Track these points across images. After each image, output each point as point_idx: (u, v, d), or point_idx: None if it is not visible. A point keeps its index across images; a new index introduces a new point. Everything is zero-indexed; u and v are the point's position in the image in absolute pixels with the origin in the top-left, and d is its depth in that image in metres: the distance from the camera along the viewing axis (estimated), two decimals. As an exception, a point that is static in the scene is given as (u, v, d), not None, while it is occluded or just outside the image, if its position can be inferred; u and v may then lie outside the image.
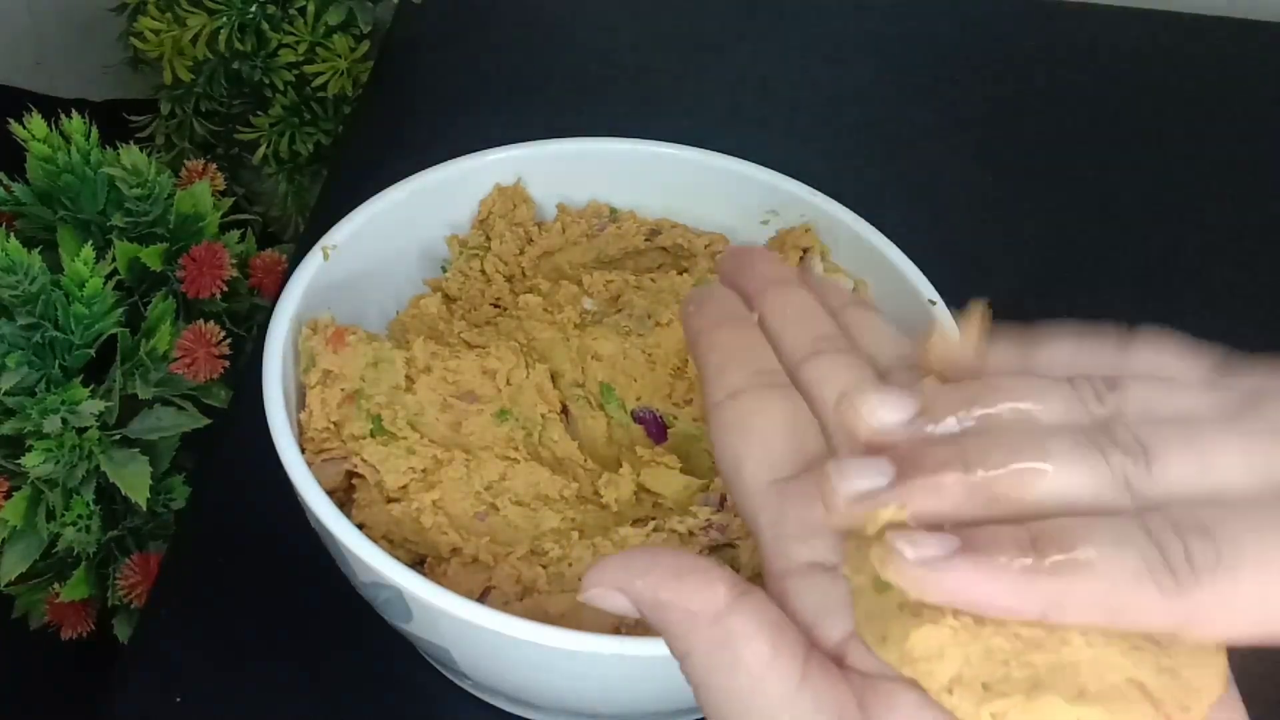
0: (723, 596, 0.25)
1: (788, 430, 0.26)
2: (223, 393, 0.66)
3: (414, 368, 0.42)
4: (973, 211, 0.65)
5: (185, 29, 0.83)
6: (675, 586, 0.25)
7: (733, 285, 0.31)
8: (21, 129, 0.65)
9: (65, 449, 0.61)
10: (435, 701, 0.44)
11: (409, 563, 0.37)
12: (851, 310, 0.29)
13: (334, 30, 0.83)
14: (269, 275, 0.72)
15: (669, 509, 0.41)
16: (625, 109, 0.68)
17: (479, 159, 0.49)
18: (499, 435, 0.42)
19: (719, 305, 0.30)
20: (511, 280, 0.49)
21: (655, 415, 0.44)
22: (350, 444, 0.41)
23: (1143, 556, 0.22)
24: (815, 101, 0.72)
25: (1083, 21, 0.80)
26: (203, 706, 0.44)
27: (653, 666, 0.34)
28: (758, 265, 0.31)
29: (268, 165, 0.90)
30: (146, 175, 0.65)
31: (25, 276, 0.59)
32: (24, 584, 0.68)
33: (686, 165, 0.50)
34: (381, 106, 0.71)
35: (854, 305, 0.30)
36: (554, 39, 0.76)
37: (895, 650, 0.23)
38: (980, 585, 0.22)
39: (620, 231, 0.50)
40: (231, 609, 0.47)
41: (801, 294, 0.30)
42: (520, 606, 0.37)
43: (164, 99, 0.92)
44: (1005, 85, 0.74)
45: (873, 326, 0.29)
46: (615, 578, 0.26)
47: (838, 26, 0.79)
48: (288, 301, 0.42)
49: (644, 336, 0.44)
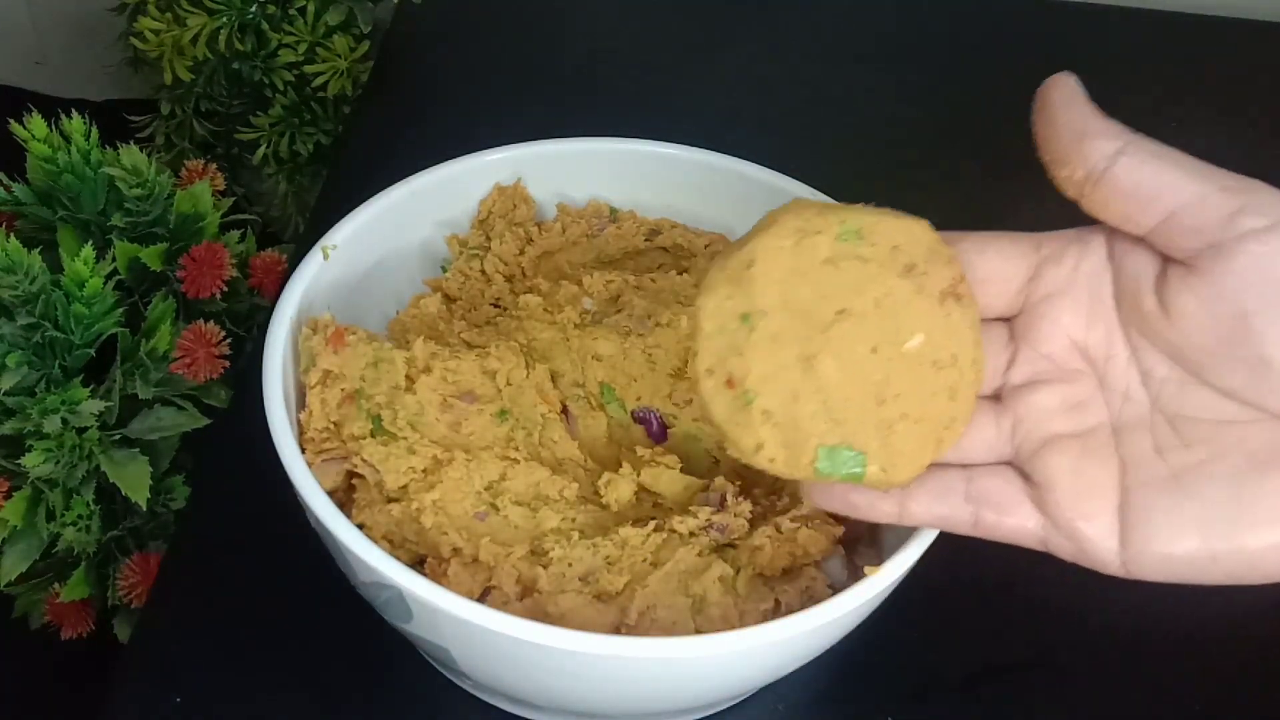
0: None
1: None
2: (223, 393, 0.66)
3: (414, 368, 0.42)
4: (973, 211, 0.65)
5: (185, 29, 0.83)
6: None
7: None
8: (21, 129, 0.65)
9: (65, 449, 0.61)
10: (435, 701, 0.44)
11: (409, 563, 0.37)
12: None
13: (334, 30, 0.83)
14: (269, 275, 0.72)
15: (669, 509, 0.41)
16: (625, 109, 0.68)
17: (479, 159, 0.49)
18: (499, 435, 0.42)
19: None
20: (511, 280, 0.49)
21: (655, 415, 0.44)
22: (350, 444, 0.41)
23: None
24: (815, 101, 0.72)
25: (1083, 21, 0.80)
26: (203, 706, 0.44)
27: (653, 666, 0.34)
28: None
29: (268, 165, 0.90)
30: (146, 175, 0.65)
31: (25, 276, 0.59)
32: (24, 584, 0.68)
33: (686, 165, 0.50)
34: (381, 106, 0.71)
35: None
36: (554, 39, 0.76)
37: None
38: None
39: (620, 231, 0.50)
40: (231, 609, 0.47)
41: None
42: (520, 606, 0.37)
43: (164, 99, 0.92)
44: (1005, 85, 0.74)
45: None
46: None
47: (837, 26, 0.79)
48: (288, 301, 0.42)
49: (644, 336, 0.44)
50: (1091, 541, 0.31)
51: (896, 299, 0.31)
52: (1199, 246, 0.30)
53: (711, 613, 0.38)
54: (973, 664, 0.47)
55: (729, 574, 0.39)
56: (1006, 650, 0.47)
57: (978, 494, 0.33)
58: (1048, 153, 0.31)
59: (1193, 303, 0.30)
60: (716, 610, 0.38)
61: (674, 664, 0.34)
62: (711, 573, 0.39)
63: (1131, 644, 0.48)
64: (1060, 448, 0.32)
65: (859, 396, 0.31)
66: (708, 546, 0.39)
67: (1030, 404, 0.33)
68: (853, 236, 0.32)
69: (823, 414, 0.31)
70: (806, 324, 0.31)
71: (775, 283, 0.32)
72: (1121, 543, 0.31)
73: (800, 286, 0.31)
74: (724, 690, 0.41)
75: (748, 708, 0.45)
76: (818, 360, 0.31)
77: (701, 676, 0.36)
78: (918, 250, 0.32)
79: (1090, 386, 0.33)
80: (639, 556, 0.39)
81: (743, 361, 0.31)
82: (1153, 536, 0.30)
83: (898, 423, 0.31)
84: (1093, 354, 0.33)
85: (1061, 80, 0.31)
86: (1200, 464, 0.30)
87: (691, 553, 0.39)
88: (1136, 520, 0.30)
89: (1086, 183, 0.30)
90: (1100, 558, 0.31)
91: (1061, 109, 0.31)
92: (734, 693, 0.43)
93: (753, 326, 0.31)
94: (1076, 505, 0.31)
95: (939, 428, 0.32)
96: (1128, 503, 0.31)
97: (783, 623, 0.34)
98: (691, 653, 0.34)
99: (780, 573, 0.40)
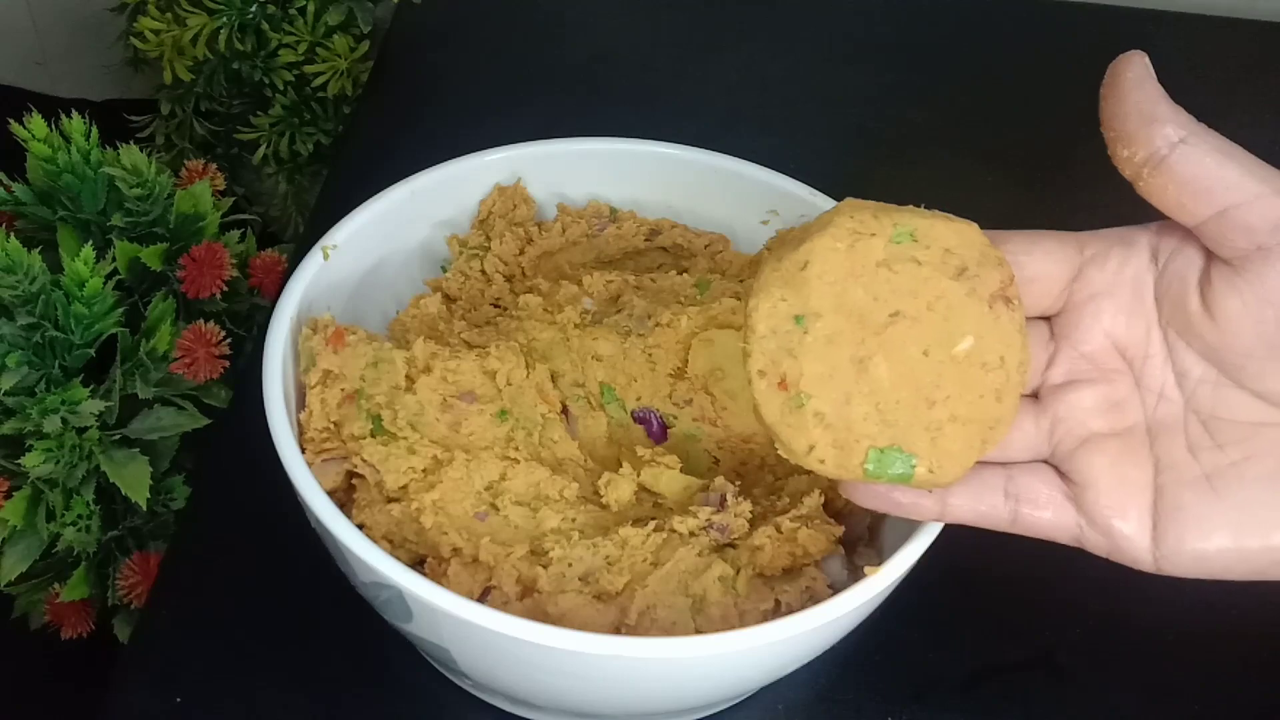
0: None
1: None
2: (223, 393, 0.66)
3: (414, 368, 0.42)
4: (973, 211, 0.65)
5: (185, 29, 0.83)
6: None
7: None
8: (21, 129, 0.65)
9: (65, 449, 0.61)
10: (435, 701, 0.44)
11: (409, 563, 0.37)
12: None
13: (334, 30, 0.83)
14: (269, 275, 0.72)
15: (669, 509, 0.41)
16: (625, 109, 0.68)
17: (479, 159, 0.49)
18: (499, 435, 0.42)
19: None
20: (511, 280, 0.49)
21: (655, 415, 0.44)
22: (350, 444, 0.41)
23: None
24: (815, 101, 0.72)
25: (1083, 21, 0.80)
26: (203, 706, 0.44)
27: (653, 666, 0.34)
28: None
29: (268, 165, 0.90)
30: (146, 175, 0.65)
31: (25, 276, 0.59)
32: (24, 584, 0.68)
33: (686, 165, 0.50)
34: (381, 106, 0.71)
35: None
36: (554, 39, 0.76)
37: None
38: None
39: (620, 231, 0.50)
40: (231, 609, 0.47)
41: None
42: (520, 606, 0.37)
43: (164, 99, 0.92)
44: (1005, 85, 0.74)
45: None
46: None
47: (837, 26, 0.79)
48: (288, 301, 0.42)
49: (644, 336, 0.44)
50: (1127, 539, 0.32)
51: (949, 302, 0.32)
52: (1248, 247, 0.30)
53: (711, 613, 0.38)
54: (973, 664, 0.47)
55: (729, 574, 0.39)
56: (1006, 650, 0.47)
57: (1017, 491, 0.33)
58: (1112, 129, 0.31)
59: (1237, 304, 0.30)
60: (716, 610, 0.38)
61: (674, 664, 0.34)
62: (711, 573, 0.39)
63: (1131, 644, 0.48)
64: (1098, 447, 0.32)
65: (910, 399, 0.31)
66: (708, 546, 0.39)
67: (1069, 403, 0.33)
68: (907, 239, 0.32)
69: (875, 416, 0.31)
70: (860, 326, 0.32)
71: (830, 284, 0.32)
72: (1155, 541, 0.31)
73: (855, 289, 0.32)
74: (724, 690, 0.41)
75: (748, 708, 0.45)
76: (871, 363, 0.31)
77: (701, 676, 0.36)
78: (970, 254, 0.32)
79: (1127, 386, 0.33)
80: (639, 556, 0.39)
81: (796, 364, 0.32)
82: (1185, 535, 0.31)
83: (946, 424, 0.32)
84: (1131, 354, 0.33)
85: (1134, 58, 0.31)
86: (1233, 465, 0.31)
87: (691, 553, 0.39)
88: (1169, 519, 0.31)
89: (1146, 165, 0.30)
90: (1134, 555, 0.32)
91: (1132, 89, 0.31)
92: (734, 693, 0.43)
93: (807, 328, 0.32)
94: (1112, 503, 0.32)
95: (985, 428, 0.32)
96: (1161, 502, 0.31)
97: (783, 623, 0.34)
98: (691, 653, 0.34)
99: (780, 573, 0.40)
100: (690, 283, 0.47)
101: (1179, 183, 0.30)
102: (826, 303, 0.32)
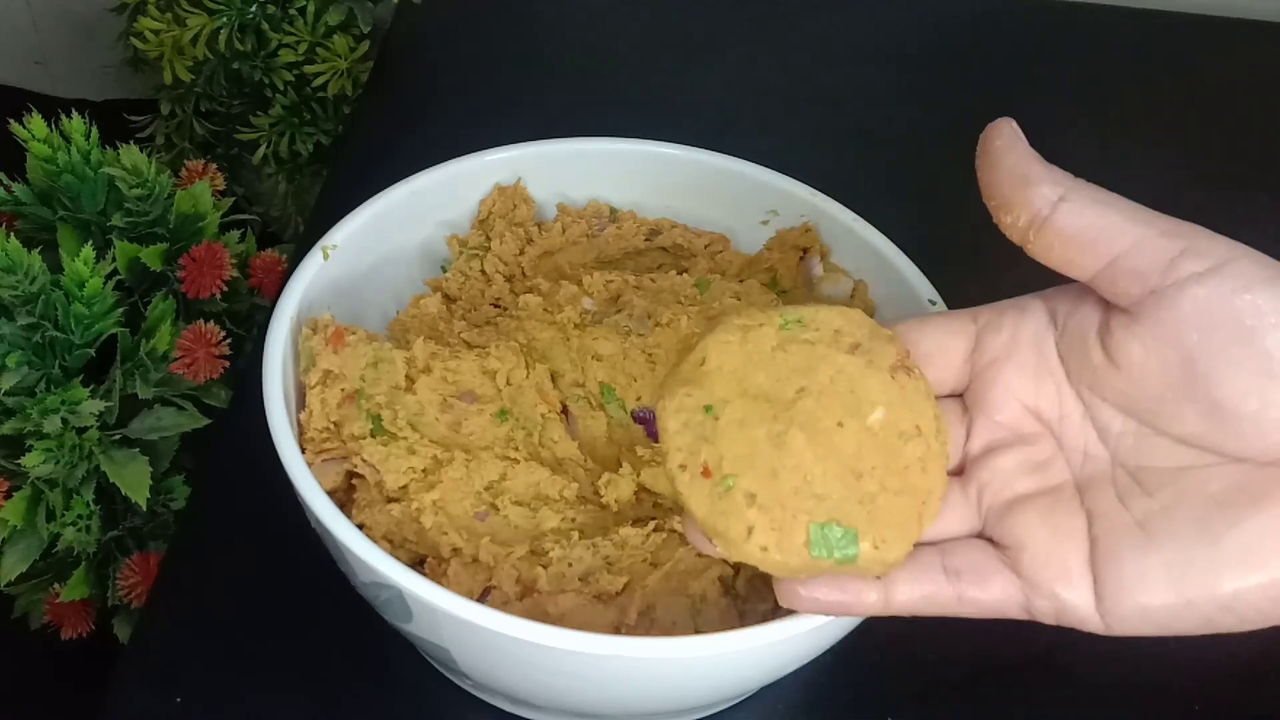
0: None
1: None
2: (223, 393, 0.66)
3: (414, 368, 0.42)
4: (973, 211, 0.65)
5: (185, 29, 0.83)
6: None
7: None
8: (21, 129, 0.65)
9: (65, 449, 0.61)
10: (435, 701, 0.44)
11: (409, 563, 0.37)
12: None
13: (334, 30, 0.83)
14: (269, 275, 0.72)
15: (669, 509, 0.41)
16: (625, 109, 0.68)
17: (479, 159, 0.49)
18: (499, 435, 0.42)
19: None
20: (511, 280, 0.49)
21: (655, 415, 0.43)
22: (350, 444, 0.41)
23: None
24: (815, 101, 0.72)
25: (1082, 21, 0.80)
26: (203, 706, 0.44)
27: (653, 666, 0.34)
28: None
29: (268, 165, 0.90)
30: (146, 175, 0.65)
31: (25, 276, 0.59)
32: (24, 584, 0.68)
33: (686, 165, 0.50)
34: (381, 106, 0.71)
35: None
36: (554, 39, 0.76)
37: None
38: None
39: (620, 231, 0.50)
40: (231, 609, 0.47)
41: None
42: (520, 606, 0.37)
43: (164, 99, 0.92)
44: (1005, 85, 0.74)
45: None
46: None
47: (837, 27, 0.79)
48: (288, 301, 0.42)
49: (644, 336, 0.44)
50: (1069, 599, 0.31)
51: (850, 374, 0.32)
52: (1141, 292, 0.30)
53: (711, 613, 0.38)
54: (973, 664, 0.47)
55: (729, 574, 0.39)
56: (1006, 650, 0.47)
57: (956, 567, 0.32)
58: (992, 199, 0.31)
59: (1139, 350, 0.30)
60: (716, 610, 0.38)
61: (674, 664, 0.34)
62: (711, 573, 0.39)
63: (1131, 644, 0.48)
64: (1027, 505, 0.32)
65: (837, 470, 0.31)
66: (708, 546, 0.39)
67: (992, 469, 0.33)
68: (795, 324, 0.33)
69: (805, 489, 0.31)
70: (769, 405, 0.32)
71: (730, 373, 0.32)
72: (1098, 596, 0.30)
73: (755, 374, 0.32)
74: (724, 690, 0.41)
75: (748, 708, 0.45)
76: (788, 436, 0.31)
77: (701, 676, 0.36)
78: (860, 331, 0.33)
79: (1049, 447, 0.33)
80: (639, 556, 0.39)
81: (715, 448, 0.31)
82: (1125, 588, 0.30)
83: (879, 495, 0.31)
84: (1046, 415, 0.33)
85: (1002, 126, 0.32)
86: (1164, 510, 0.30)
87: (691, 553, 0.39)
88: (1109, 572, 0.30)
89: (1030, 228, 0.30)
90: (1080, 615, 0.31)
91: (1003, 155, 0.31)
92: (734, 693, 0.43)
93: (717, 415, 0.32)
94: (1049, 558, 0.31)
95: (918, 502, 0.32)
96: (1097, 553, 0.31)
97: (783, 623, 0.34)
98: (691, 653, 0.34)
99: (780, 573, 0.40)
100: (690, 283, 0.47)
101: (1064, 239, 0.30)
102: (731, 390, 0.32)
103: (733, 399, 0.32)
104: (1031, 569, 0.31)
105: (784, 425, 0.31)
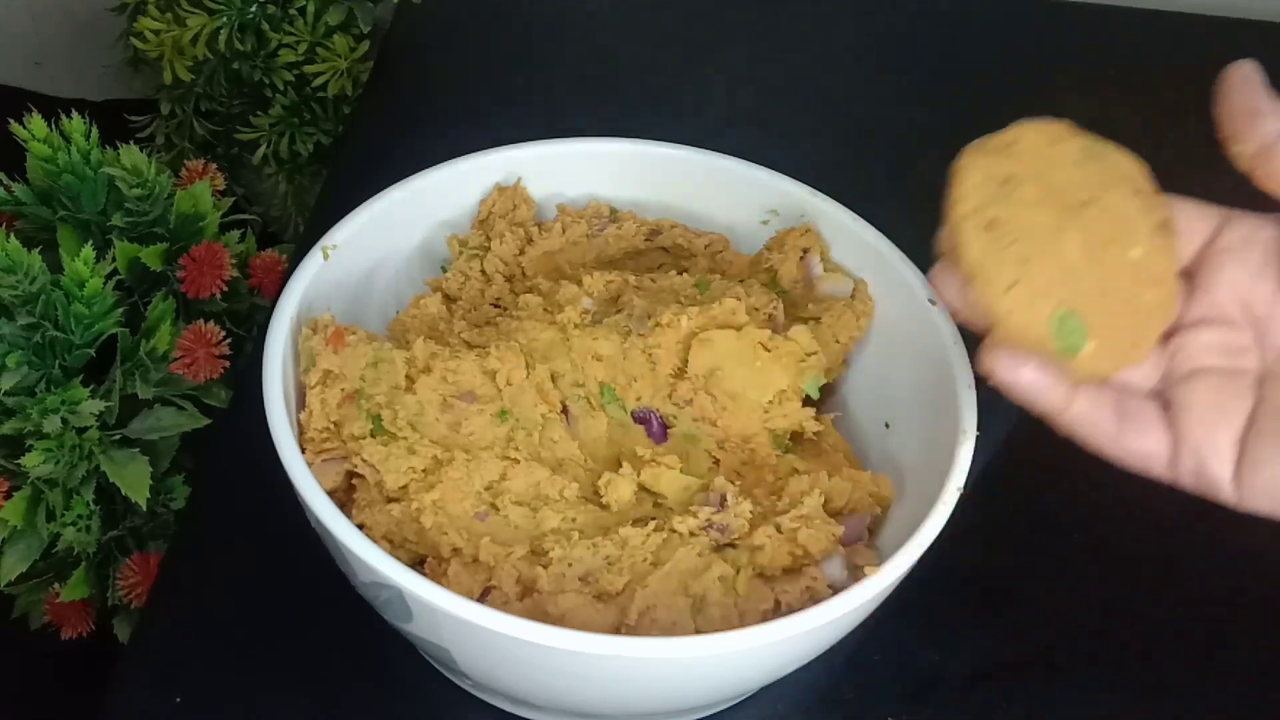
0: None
1: None
2: (223, 393, 0.66)
3: (414, 368, 0.42)
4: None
5: (185, 29, 0.83)
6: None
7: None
8: (21, 129, 0.65)
9: (65, 449, 0.61)
10: (435, 701, 0.44)
11: (409, 563, 0.37)
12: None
13: (334, 30, 0.83)
14: (269, 275, 0.72)
15: (669, 509, 0.41)
16: (625, 109, 0.68)
17: (479, 159, 0.49)
18: (499, 435, 0.42)
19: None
20: (511, 280, 0.49)
21: (655, 415, 0.44)
22: (350, 444, 0.41)
23: None
24: (815, 101, 0.72)
25: (1083, 21, 0.80)
26: (203, 706, 0.44)
27: (653, 667, 0.34)
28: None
29: (268, 165, 0.90)
30: (146, 175, 0.65)
31: (25, 276, 0.59)
32: (24, 584, 0.68)
33: (686, 165, 0.50)
34: (381, 106, 0.71)
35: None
36: (554, 39, 0.76)
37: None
38: None
39: (620, 231, 0.50)
40: (231, 609, 0.47)
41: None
42: (520, 606, 0.37)
43: (164, 99, 0.92)
44: (1005, 85, 0.74)
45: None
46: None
47: (837, 26, 0.79)
48: (288, 301, 0.42)
49: (644, 336, 0.44)
50: (1211, 461, 0.34)
51: (1127, 211, 0.35)
52: None
53: (711, 613, 0.38)
54: (973, 664, 0.47)
55: (729, 574, 0.39)
56: (1006, 650, 0.47)
57: (1127, 410, 0.35)
58: (1223, 129, 0.34)
59: None
60: (716, 610, 0.38)
61: (674, 664, 0.34)
62: (711, 573, 0.39)
63: (1131, 644, 0.48)
64: (1205, 377, 0.35)
65: (1091, 279, 0.34)
66: (708, 546, 0.39)
67: (1189, 338, 0.36)
68: (1095, 153, 0.36)
69: (1062, 280, 0.34)
70: (1059, 201, 0.34)
71: (1034, 160, 0.35)
72: (1236, 468, 0.34)
73: (1055, 173, 0.35)
74: (724, 690, 0.41)
75: (748, 708, 0.45)
76: (1065, 234, 0.34)
77: (701, 676, 0.36)
78: (1143, 183, 0.36)
79: (1248, 337, 0.35)
80: (639, 556, 0.39)
81: (1004, 210, 0.34)
82: (1263, 463, 0.33)
83: (1116, 316, 0.34)
84: (1256, 311, 0.35)
85: (1241, 65, 0.34)
86: None
87: (691, 553, 0.39)
88: (1252, 447, 0.33)
89: (1258, 157, 0.33)
90: (1215, 479, 0.34)
91: (1237, 90, 0.34)
92: (734, 693, 0.43)
93: (1012, 189, 0.34)
94: (1206, 424, 0.34)
95: (1138, 337, 0.35)
96: (1250, 432, 0.34)
97: (783, 623, 0.34)
98: (691, 653, 0.34)
99: (780, 573, 0.40)
100: (690, 283, 0.47)
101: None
102: (1031, 171, 0.35)
103: (1029, 181, 0.34)
104: (1187, 427, 0.35)
105: (1065, 222, 0.34)
